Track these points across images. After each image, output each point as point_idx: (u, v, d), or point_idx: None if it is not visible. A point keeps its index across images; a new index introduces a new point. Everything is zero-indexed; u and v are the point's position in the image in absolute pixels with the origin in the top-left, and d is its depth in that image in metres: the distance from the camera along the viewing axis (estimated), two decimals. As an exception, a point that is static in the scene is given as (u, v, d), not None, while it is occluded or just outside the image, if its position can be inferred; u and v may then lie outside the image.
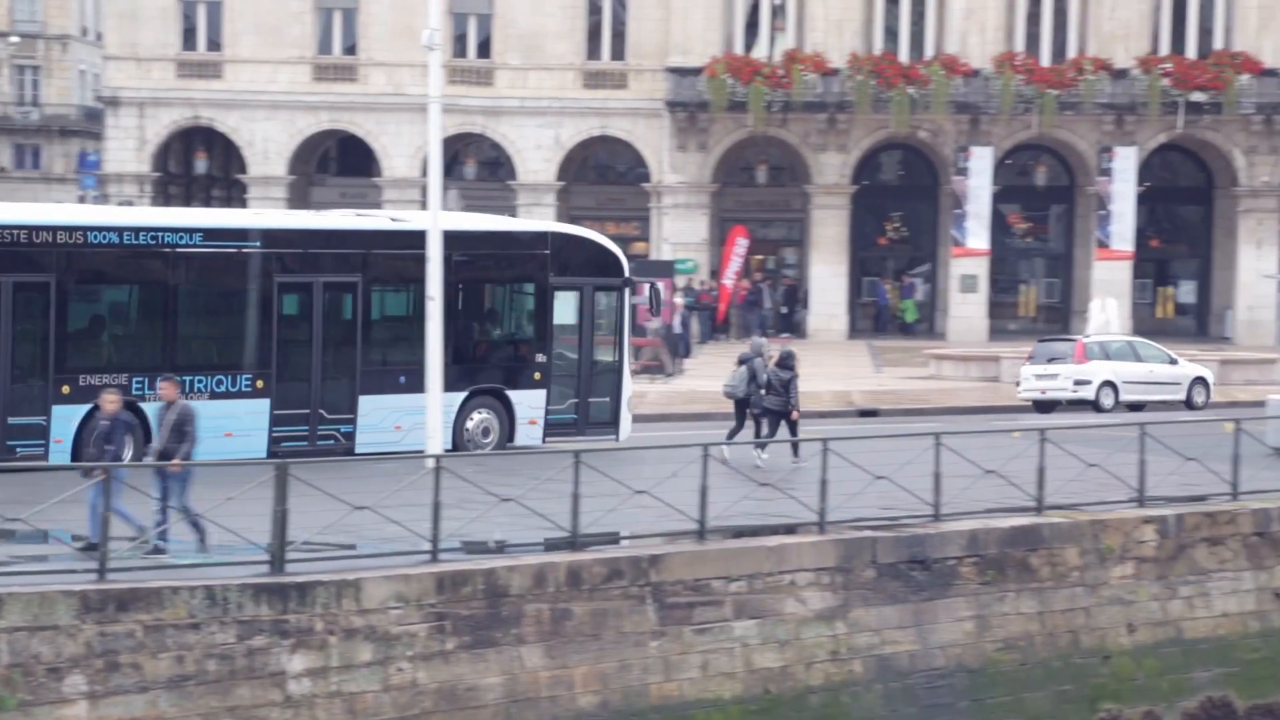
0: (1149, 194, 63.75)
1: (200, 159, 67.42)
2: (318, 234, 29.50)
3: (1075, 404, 42.60)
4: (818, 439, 23.46)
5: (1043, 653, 23.16)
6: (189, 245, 27.45)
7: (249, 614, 17.96)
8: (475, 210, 50.64)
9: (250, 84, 63.94)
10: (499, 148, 65.06)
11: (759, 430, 29.57)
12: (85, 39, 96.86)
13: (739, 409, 29.99)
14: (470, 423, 29.60)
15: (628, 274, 31.62)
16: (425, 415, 26.41)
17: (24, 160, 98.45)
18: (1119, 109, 62.35)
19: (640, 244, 63.40)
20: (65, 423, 25.84)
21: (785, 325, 64.41)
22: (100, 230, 27.00)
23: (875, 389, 47.11)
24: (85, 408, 25.24)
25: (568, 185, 64.90)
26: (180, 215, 34.11)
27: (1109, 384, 42.94)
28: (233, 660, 17.84)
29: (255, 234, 28.48)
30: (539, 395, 30.23)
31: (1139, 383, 43.58)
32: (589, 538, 20.46)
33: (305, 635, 18.20)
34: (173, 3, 64.21)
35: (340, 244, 29.11)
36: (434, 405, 26.32)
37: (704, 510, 21.30)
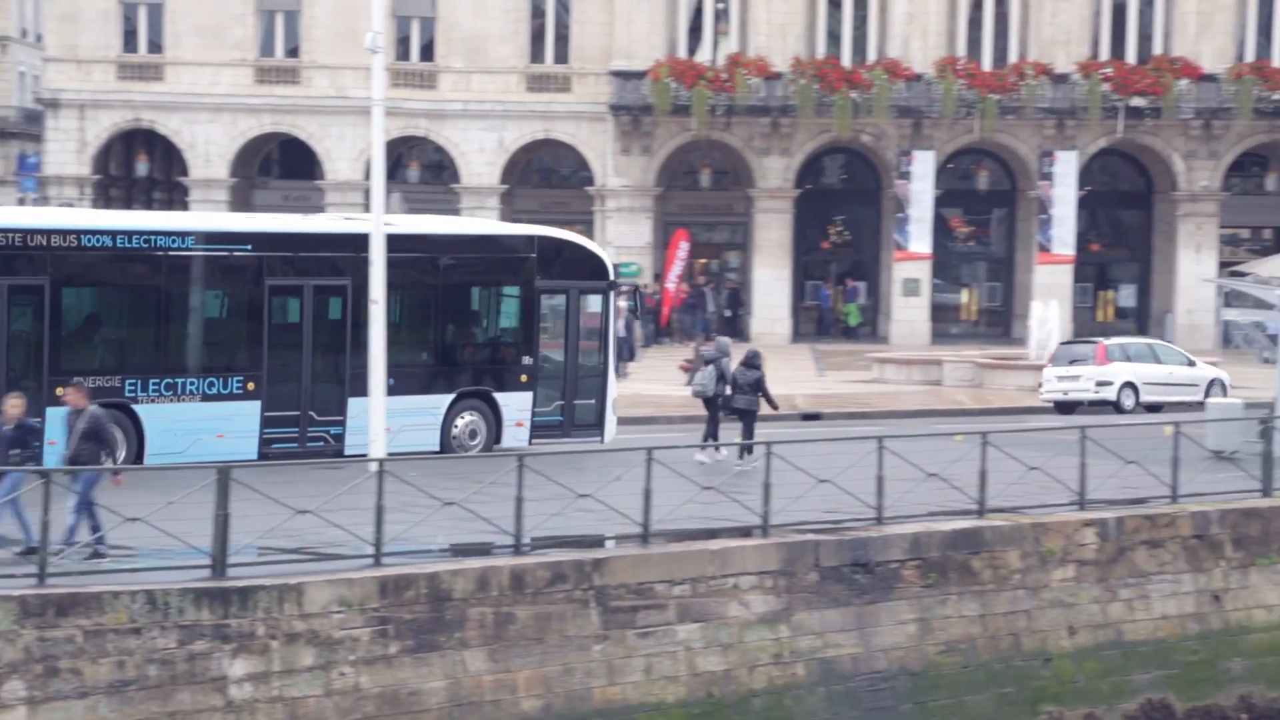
0: (1089, 198, 64.03)
1: (141, 162, 66.98)
2: (309, 238, 29.69)
3: (1096, 404, 42.93)
4: (761, 442, 23.52)
5: (984, 655, 23.25)
6: (181, 248, 27.65)
7: (190, 618, 17.90)
8: (418, 214, 50.49)
9: (192, 86, 63.59)
10: (442, 151, 64.90)
11: (714, 431, 29.84)
12: (25, 40, 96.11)
13: (710, 410, 30.19)
14: (458, 425, 29.86)
15: (613, 278, 32.07)
16: (414, 417, 27.24)
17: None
18: (1060, 114, 62.61)
19: (584, 247, 63.27)
20: (59, 425, 25.76)
21: (728, 329, 64.31)
22: (93, 233, 27.07)
23: (818, 392, 47.14)
24: None
25: (511, 188, 64.80)
26: (173, 219, 34.17)
27: (1130, 385, 43.37)
28: (174, 665, 17.77)
29: (247, 237, 28.79)
30: (526, 397, 30.50)
31: (1159, 384, 44.00)
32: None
33: (247, 640, 18.14)
34: (114, 4, 63.81)
35: (330, 248, 29.32)
36: (377, 408, 26.35)
37: (648, 514, 21.36)
